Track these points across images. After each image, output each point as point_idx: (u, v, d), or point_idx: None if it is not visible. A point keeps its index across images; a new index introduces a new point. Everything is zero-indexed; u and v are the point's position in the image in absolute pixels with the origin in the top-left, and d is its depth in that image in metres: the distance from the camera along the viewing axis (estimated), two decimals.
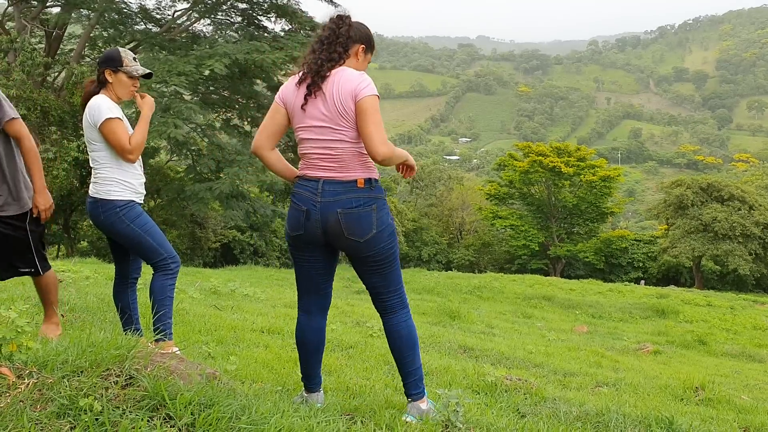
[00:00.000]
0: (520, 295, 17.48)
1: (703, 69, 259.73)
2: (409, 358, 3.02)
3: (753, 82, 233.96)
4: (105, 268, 11.04)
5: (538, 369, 6.18)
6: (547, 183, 41.79)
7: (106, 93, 3.77)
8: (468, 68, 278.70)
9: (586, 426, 3.38)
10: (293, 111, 2.92)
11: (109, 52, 3.85)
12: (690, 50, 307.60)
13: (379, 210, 2.87)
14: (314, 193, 2.86)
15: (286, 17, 20.81)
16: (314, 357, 3.14)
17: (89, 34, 20.32)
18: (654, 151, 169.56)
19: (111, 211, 3.68)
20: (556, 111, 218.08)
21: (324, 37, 2.92)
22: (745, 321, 15.48)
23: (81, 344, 2.45)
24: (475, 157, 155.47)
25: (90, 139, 3.72)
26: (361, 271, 3.01)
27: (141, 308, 4.27)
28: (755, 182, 45.58)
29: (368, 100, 2.76)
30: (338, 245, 2.94)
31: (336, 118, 2.81)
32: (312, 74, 2.85)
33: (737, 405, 5.46)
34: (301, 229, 2.91)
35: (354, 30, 2.98)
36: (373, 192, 2.87)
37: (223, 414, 2.19)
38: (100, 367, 2.28)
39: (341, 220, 2.82)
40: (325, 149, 2.85)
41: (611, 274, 40.23)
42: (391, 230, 2.93)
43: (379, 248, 2.89)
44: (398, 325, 3.02)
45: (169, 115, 17.52)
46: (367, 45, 3.05)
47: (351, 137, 2.82)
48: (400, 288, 3.05)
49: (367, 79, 2.82)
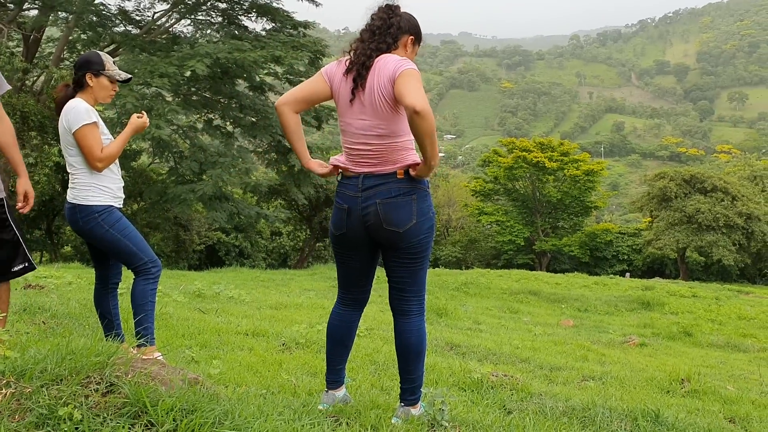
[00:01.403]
0: (506, 290, 17.52)
1: (684, 61, 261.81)
2: (413, 365, 3.00)
3: (733, 74, 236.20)
4: (88, 272, 10.94)
5: (524, 364, 6.18)
6: (532, 178, 42.00)
7: (82, 96, 3.72)
8: (451, 65, 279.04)
9: (572, 421, 3.38)
10: (339, 99, 2.90)
11: (90, 55, 3.81)
12: (671, 43, 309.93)
13: (419, 200, 2.86)
14: (356, 189, 2.85)
15: (268, 16, 20.72)
16: (340, 349, 3.13)
17: (68, 36, 20.12)
18: (637, 144, 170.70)
19: (90, 216, 3.64)
20: (539, 106, 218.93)
21: (375, 26, 2.89)
22: (730, 311, 15.60)
23: (60, 352, 2.41)
24: (460, 154, 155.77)
25: (67, 144, 3.67)
26: (392, 264, 2.97)
27: (123, 313, 4.23)
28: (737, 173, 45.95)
29: (405, 72, 2.69)
30: (378, 238, 2.90)
31: (377, 112, 2.78)
32: (359, 66, 2.82)
33: (723, 396, 5.49)
34: (344, 227, 2.92)
35: (404, 20, 2.95)
36: (413, 182, 2.85)
37: (206, 419, 2.17)
38: (80, 374, 2.25)
39: (380, 211, 2.81)
40: (367, 144, 2.83)
41: (596, 268, 40.49)
42: (431, 223, 2.92)
43: (418, 240, 2.87)
44: (410, 332, 2.99)
45: (150, 117, 17.39)
46: (416, 36, 3.01)
47: (391, 132, 2.80)
48: (422, 291, 3.03)
49: (407, 61, 2.76)
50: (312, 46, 19.80)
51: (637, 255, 41.42)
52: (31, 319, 4.89)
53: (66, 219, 3.76)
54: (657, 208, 37.28)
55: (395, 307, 3.04)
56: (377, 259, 3.10)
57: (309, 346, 5.36)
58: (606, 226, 44.27)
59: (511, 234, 40.99)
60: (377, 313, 9.24)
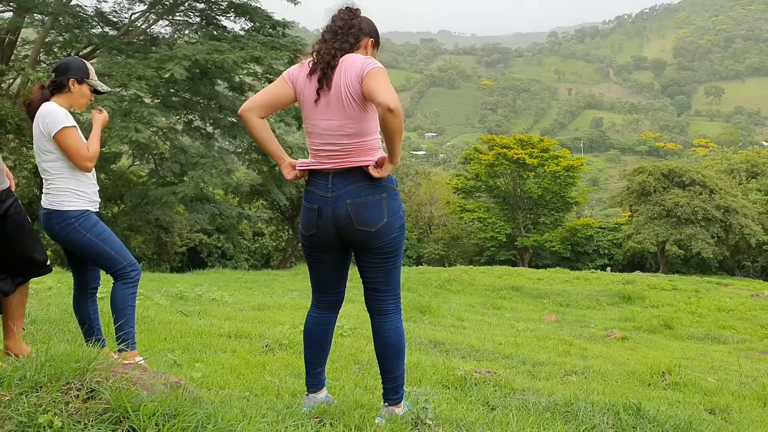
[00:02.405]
0: (489, 286, 17.58)
1: (661, 57, 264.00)
2: (393, 364, 3.00)
3: (710, 68, 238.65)
4: (68, 277, 10.79)
5: (507, 360, 6.21)
6: (513, 175, 42.20)
7: (58, 100, 3.68)
8: (431, 63, 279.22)
9: (555, 416, 3.40)
10: (303, 102, 2.90)
11: (74, 61, 3.80)
12: (648, 39, 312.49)
13: (389, 199, 2.87)
14: (325, 188, 2.85)
15: (246, 16, 20.65)
16: (318, 352, 3.13)
17: (44, 38, 19.90)
18: (616, 140, 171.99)
19: (66, 222, 3.61)
20: (518, 103, 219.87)
21: (337, 27, 2.91)
22: (710, 303, 15.77)
23: (40, 358, 2.39)
24: (441, 152, 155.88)
25: (42, 149, 3.62)
26: (365, 265, 2.98)
27: (104, 318, 4.20)
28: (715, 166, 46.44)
29: (373, 71, 2.72)
30: (350, 238, 2.90)
31: (345, 110, 2.79)
32: (323, 65, 2.83)
33: (703, 387, 5.56)
34: (314, 228, 2.91)
35: (365, 23, 2.98)
36: (381, 181, 2.86)
37: (189, 423, 2.16)
38: (60, 381, 2.23)
39: (351, 211, 2.81)
40: (334, 145, 2.83)
41: (578, 263, 40.75)
42: (401, 222, 2.93)
43: (390, 239, 2.88)
44: (388, 330, 2.99)
45: (129, 120, 17.25)
46: (376, 39, 3.05)
47: (359, 131, 2.81)
48: (397, 289, 3.04)
49: (373, 60, 2.80)
50: (292, 45, 19.76)
51: (618, 249, 41.73)
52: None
53: (41, 225, 3.72)
54: (636, 203, 37.57)
55: (371, 307, 3.04)
56: (349, 259, 3.10)
57: (292, 347, 5.34)
58: (586, 221, 44.58)
59: (493, 231, 41.18)
60: (360, 312, 9.23)
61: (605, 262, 41.34)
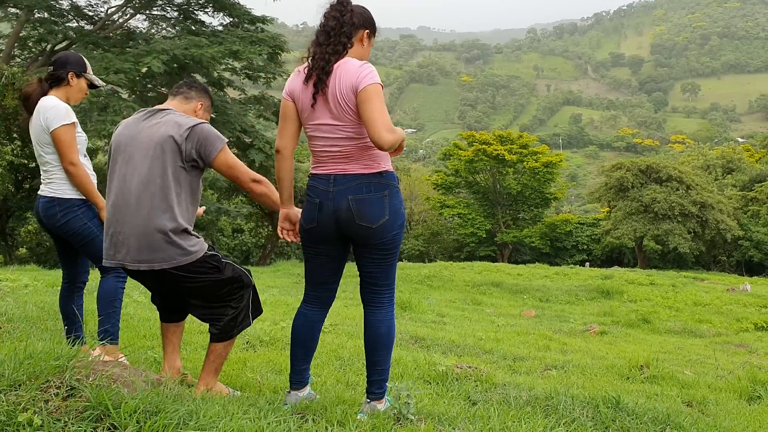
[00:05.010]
0: (469, 282, 17.64)
1: (638, 54, 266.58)
2: (382, 355, 3.02)
3: (686, 65, 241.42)
4: (45, 275, 10.70)
5: (488, 355, 6.24)
6: (492, 171, 42.38)
7: (57, 94, 3.74)
8: (410, 59, 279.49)
9: (535, 410, 3.42)
10: (302, 108, 2.90)
11: (72, 55, 3.85)
12: (625, 36, 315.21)
13: (391, 197, 2.88)
14: (327, 184, 2.87)
15: (224, 11, 20.48)
16: (304, 350, 3.13)
17: (18, 33, 19.58)
18: (594, 136, 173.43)
19: (69, 209, 3.66)
20: (498, 99, 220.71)
21: (329, 27, 2.87)
22: (686, 298, 15.93)
23: (18, 356, 2.36)
24: (421, 148, 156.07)
25: (43, 142, 3.66)
26: (364, 259, 2.99)
27: (86, 314, 4.17)
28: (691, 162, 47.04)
29: (369, 89, 2.72)
30: (350, 234, 2.91)
31: (341, 115, 2.80)
32: (318, 71, 2.82)
33: (680, 380, 5.63)
34: (315, 221, 2.92)
35: (356, 15, 2.93)
36: (384, 179, 2.87)
37: (170, 420, 2.15)
38: (39, 379, 2.21)
39: (353, 207, 2.82)
40: (334, 147, 2.85)
41: (557, 258, 41.07)
42: (402, 220, 2.95)
43: (390, 236, 2.90)
44: (381, 321, 3.01)
45: (107, 114, 17.06)
46: (371, 29, 3.01)
47: (357, 133, 2.81)
48: (393, 283, 3.07)
49: (367, 68, 2.77)
50: (270, 41, 19.65)
51: (596, 245, 42.12)
52: None
53: (40, 214, 3.73)
54: (614, 198, 37.93)
55: (367, 299, 3.06)
56: (346, 255, 3.12)
57: (273, 344, 5.33)
58: (565, 216, 44.91)
59: (473, 226, 41.34)
60: (341, 309, 9.24)
61: (584, 257, 41.71)
